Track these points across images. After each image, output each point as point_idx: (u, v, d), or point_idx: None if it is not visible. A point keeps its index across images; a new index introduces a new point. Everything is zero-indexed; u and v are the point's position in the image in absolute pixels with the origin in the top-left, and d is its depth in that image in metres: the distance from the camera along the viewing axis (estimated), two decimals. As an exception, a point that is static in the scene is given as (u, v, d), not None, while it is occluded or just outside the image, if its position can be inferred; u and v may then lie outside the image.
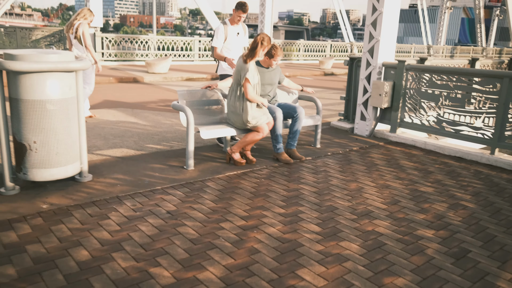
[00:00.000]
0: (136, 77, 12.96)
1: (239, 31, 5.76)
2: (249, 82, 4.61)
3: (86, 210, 3.48)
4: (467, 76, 5.74)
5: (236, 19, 5.64)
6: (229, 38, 5.69)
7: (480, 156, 5.50)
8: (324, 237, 3.22)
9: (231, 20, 5.70)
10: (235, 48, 5.75)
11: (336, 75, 18.07)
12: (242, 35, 5.81)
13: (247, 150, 5.03)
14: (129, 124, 6.86)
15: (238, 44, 5.78)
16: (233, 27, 5.71)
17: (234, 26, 5.72)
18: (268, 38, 4.73)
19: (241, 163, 4.85)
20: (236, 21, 5.67)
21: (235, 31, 5.72)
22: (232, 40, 5.70)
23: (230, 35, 5.69)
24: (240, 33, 5.78)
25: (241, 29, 5.78)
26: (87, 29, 6.67)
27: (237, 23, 5.69)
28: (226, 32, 5.65)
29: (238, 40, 5.77)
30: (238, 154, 4.92)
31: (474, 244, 3.23)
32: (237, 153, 4.92)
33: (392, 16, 6.34)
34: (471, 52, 32.97)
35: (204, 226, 3.30)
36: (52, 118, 3.64)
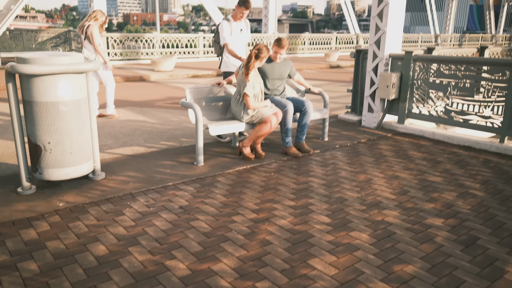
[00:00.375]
0: (142, 76, 13.05)
1: (242, 27, 5.79)
2: (248, 96, 4.79)
3: (101, 207, 3.57)
4: (475, 65, 5.73)
5: (238, 15, 5.66)
6: (233, 34, 5.70)
7: (489, 144, 5.51)
8: (334, 228, 3.28)
9: (234, 17, 5.72)
10: (239, 45, 5.77)
11: (342, 67, 18.01)
12: (245, 31, 5.83)
13: (258, 144, 5.09)
14: (138, 122, 6.95)
15: (242, 40, 5.81)
16: (236, 23, 5.72)
17: (237, 22, 5.73)
18: (264, 48, 4.82)
19: (250, 158, 4.92)
20: (239, 17, 5.68)
21: (238, 27, 5.73)
22: (235, 37, 5.72)
23: (234, 32, 5.70)
24: (243, 29, 5.80)
25: (243, 25, 5.81)
26: (96, 30, 6.75)
27: (239, 19, 5.71)
28: (231, 28, 5.67)
29: (242, 37, 5.79)
30: (248, 148, 4.98)
31: (483, 232, 3.27)
32: (248, 147, 4.98)
33: (399, 6, 6.32)
34: (480, 40, 32.52)
35: (216, 220, 3.37)
36: (65, 119, 3.74)
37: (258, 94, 4.95)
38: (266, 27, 22.01)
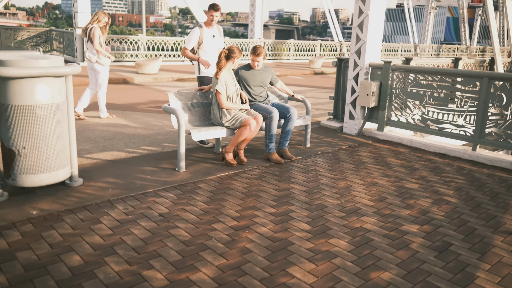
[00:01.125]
0: (126, 78, 12.94)
1: (215, 33, 5.92)
2: (220, 93, 4.88)
3: (78, 215, 3.51)
4: (449, 76, 5.91)
5: (209, 19, 5.78)
6: (205, 41, 5.83)
7: (462, 152, 5.67)
8: (314, 235, 3.32)
9: (207, 23, 5.85)
10: (212, 51, 5.89)
11: (326, 74, 18.21)
12: (217, 37, 5.96)
13: (241, 150, 5.11)
14: (119, 126, 6.90)
15: (215, 46, 5.93)
16: (208, 30, 5.85)
17: (210, 28, 5.87)
18: (235, 49, 4.97)
19: (233, 164, 4.94)
20: (210, 23, 5.80)
21: (210, 33, 5.86)
22: (208, 43, 5.84)
23: (206, 38, 5.83)
24: (216, 35, 5.93)
25: (216, 31, 5.94)
26: (97, 31, 7.00)
27: (211, 24, 5.83)
28: (202, 35, 5.80)
29: (214, 43, 5.91)
30: (231, 154, 5.01)
31: (456, 237, 3.36)
32: (230, 153, 5.01)
33: (378, 18, 6.47)
34: (456, 50, 33.41)
35: (197, 228, 3.37)
36: (42, 123, 3.66)
37: (232, 95, 5.04)
38: (252, 32, 22.13)
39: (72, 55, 16.41)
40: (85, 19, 14.89)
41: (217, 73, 4.96)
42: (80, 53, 15.34)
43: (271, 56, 21.71)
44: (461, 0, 34.43)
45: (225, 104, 4.94)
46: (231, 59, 4.98)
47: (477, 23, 38.67)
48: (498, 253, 3.14)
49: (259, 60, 5.32)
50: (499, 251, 3.18)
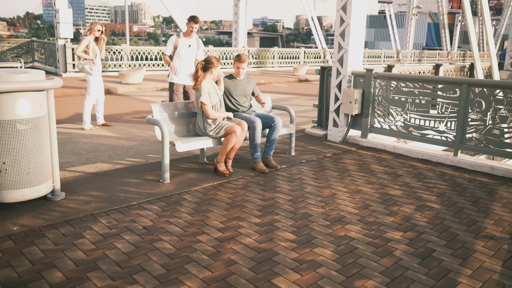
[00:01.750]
0: (109, 88, 12.84)
1: (191, 43, 6.38)
2: (206, 104, 4.93)
3: (60, 230, 3.46)
4: (430, 83, 6.02)
5: (189, 30, 6.27)
6: (180, 49, 6.28)
7: (444, 158, 5.76)
8: (299, 245, 3.33)
9: (185, 33, 6.42)
10: (186, 59, 6.35)
11: (310, 81, 18.34)
12: (194, 47, 6.40)
13: (230, 159, 5.12)
14: (103, 138, 6.84)
15: (190, 55, 6.38)
16: (185, 39, 6.33)
17: (187, 38, 6.33)
18: (213, 59, 5.02)
19: (225, 174, 4.95)
20: (189, 33, 6.28)
21: (187, 43, 6.32)
22: (183, 51, 6.29)
23: (181, 46, 6.29)
24: (192, 45, 6.38)
25: (194, 42, 6.40)
26: (85, 40, 7.17)
27: (190, 35, 6.31)
28: (177, 42, 6.30)
29: (190, 52, 6.35)
30: (222, 164, 5.03)
31: (438, 244, 3.40)
32: (222, 163, 5.03)
33: (359, 27, 6.57)
34: (437, 56, 34.07)
35: (181, 240, 3.35)
36: (23, 137, 3.63)
37: (216, 105, 5.09)
38: (236, 40, 22.23)
39: (55, 66, 16.25)
40: (67, 29, 14.78)
41: (195, 85, 5.02)
42: (62, 64, 15.22)
43: (255, 64, 21.80)
44: (441, 6, 35.17)
45: (212, 114, 4.96)
46: (209, 70, 5.04)
47: (457, 29, 39.62)
48: (479, 258, 3.19)
49: (244, 67, 5.35)
50: (480, 256, 3.23)
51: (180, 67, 6.39)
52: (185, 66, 6.35)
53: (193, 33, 6.28)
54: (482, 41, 37.73)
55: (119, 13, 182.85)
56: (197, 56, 6.48)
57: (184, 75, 6.42)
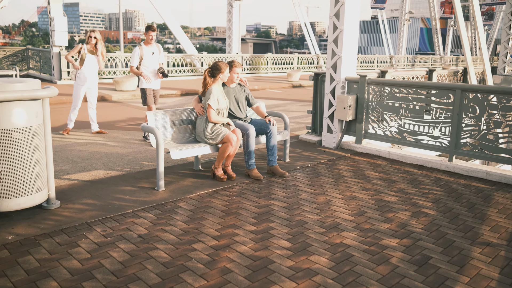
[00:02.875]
0: (103, 96, 12.81)
1: (154, 50, 6.92)
2: (212, 108, 4.98)
3: (55, 239, 3.44)
4: (423, 89, 6.06)
5: (149, 39, 6.82)
6: (145, 57, 6.83)
7: (439, 163, 5.78)
8: (295, 252, 3.32)
9: (146, 42, 6.90)
10: (151, 66, 6.91)
11: (304, 87, 18.40)
12: (157, 54, 6.93)
13: (228, 166, 5.14)
14: (97, 145, 6.81)
15: (154, 62, 6.92)
16: (147, 48, 6.89)
17: (149, 46, 6.90)
18: (220, 64, 5.08)
19: (223, 179, 4.99)
20: (149, 41, 6.84)
21: (150, 51, 6.87)
22: (147, 59, 6.84)
23: (146, 55, 6.84)
24: (155, 52, 6.91)
25: (155, 48, 6.96)
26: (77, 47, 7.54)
27: (150, 43, 6.87)
28: (141, 52, 6.79)
29: (154, 59, 6.91)
30: (220, 169, 5.06)
31: (435, 251, 3.40)
32: (219, 168, 5.06)
33: (352, 33, 6.60)
34: (430, 60, 34.35)
35: (176, 249, 3.34)
36: (18, 146, 3.63)
37: (222, 110, 5.14)
38: (230, 47, 22.28)
39: (49, 74, 16.24)
40: (62, 37, 14.81)
41: (203, 91, 5.13)
42: (57, 72, 15.23)
43: (249, 70, 21.85)
44: (433, 11, 35.51)
45: (214, 117, 5.00)
46: (217, 76, 5.10)
47: (450, 34, 39.99)
48: (476, 265, 3.19)
49: (238, 71, 5.36)
50: (477, 263, 3.23)
51: (148, 74, 6.90)
52: (151, 72, 6.92)
53: (153, 41, 6.83)
54: (474, 45, 38.10)
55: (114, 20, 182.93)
56: (159, 60, 7.01)
57: (153, 81, 6.99)
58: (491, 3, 30.38)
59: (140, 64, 6.87)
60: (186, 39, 19.77)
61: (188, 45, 19.62)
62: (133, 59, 6.86)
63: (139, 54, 6.81)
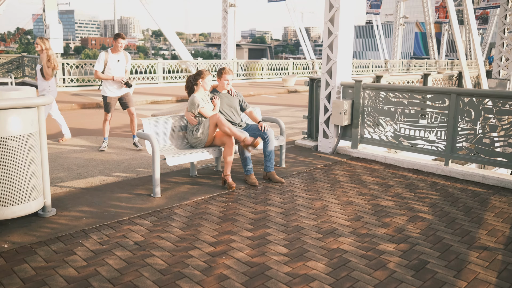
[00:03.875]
0: (99, 102, 12.77)
1: (120, 58, 6.77)
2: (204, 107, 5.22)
3: (51, 247, 3.42)
4: (418, 93, 6.08)
5: (118, 47, 6.68)
6: (110, 64, 6.67)
7: (435, 167, 5.79)
8: (291, 258, 3.31)
9: (113, 49, 6.74)
10: (116, 73, 6.73)
11: (300, 92, 18.45)
12: (123, 61, 6.80)
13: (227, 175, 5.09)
14: (93, 152, 6.79)
15: (119, 69, 6.77)
16: (114, 55, 6.72)
17: (116, 54, 6.73)
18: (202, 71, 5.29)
19: (233, 187, 4.95)
20: (118, 49, 6.70)
21: (115, 58, 6.72)
22: (112, 66, 6.70)
23: (111, 62, 6.69)
24: (121, 60, 6.78)
25: (122, 56, 6.80)
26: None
27: (119, 51, 6.73)
28: (106, 58, 6.67)
29: (119, 66, 6.77)
30: (230, 177, 5.03)
31: (432, 255, 3.40)
32: (229, 176, 5.04)
33: (347, 38, 6.64)
34: (425, 65, 34.55)
35: (173, 256, 3.32)
36: (14, 154, 3.62)
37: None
38: (225, 53, 22.33)
39: (44, 80, 16.18)
40: (57, 44, 14.83)
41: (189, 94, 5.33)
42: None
43: (244, 75, 21.90)
44: (428, 16, 35.76)
45: (210, 113, 5.20)
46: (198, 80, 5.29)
47: (444, 38, 40.25)
48: (474, 270, 3.19)
49: (228, 78, 5.44)
50: (475, 267, 3.23)
51: (112, 81, 6.75)
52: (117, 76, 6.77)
53: (121, 48, 6.71)
54: (469, 49, 38.34)
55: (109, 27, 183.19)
56: (126, 67, 6.89)
57: (116, 88, 6.83)
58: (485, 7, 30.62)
59: (105, 70, 6.71)
60: (181, 46, 19.80)
61: (183, 52, 19.65)
62: (98, 63, 6.69)
63: (104, 59, 6.66)
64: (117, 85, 6.80)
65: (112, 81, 6.74)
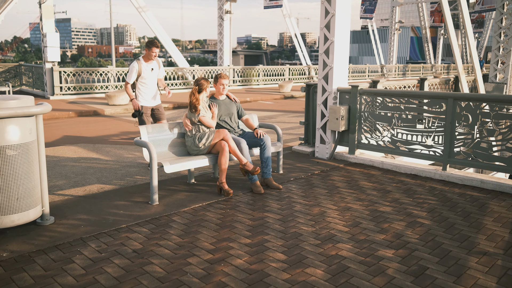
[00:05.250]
0: (96, 110, 12.79)
1: (154, 66, 6.27)
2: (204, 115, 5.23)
3: (49, 255, 3.41)
4: (415, 98, 6.10)
5: (151, 56, 6.16)
6: (144, 73, 6.19)
7: (433, 172, 5.80)
8: (290, 265, 3.31)
9: (145, 58, 6.22)
10: (150, 83, 6.28)
11: (296, 97, 18.49)
12: (156, 69, 6.31)
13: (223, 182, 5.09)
14: (91, 160, 6.77)
15: (153, 78, 6.31)
16: (147, 64, 6.21)
17: (148, 62, 6.22)
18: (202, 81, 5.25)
19: (230, 193, 4.96)
20: (152, 58, 6.19)
21: (149, 67, 6.23)
22: (147, 75, 6.22)
23: (145, 71, 6.20)
24: (155, 68, 6.29)
25: (155, 64, 6.30)
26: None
27: (153, 59, 6.23)
28: (140, 68, 6.18)
29: (153, 75, 6.30)
30: (225, 184, 5.03)
31: (431, 261, 3.40)
32: (225, 183, 5.03)
33: (343, 44, 6.68)
34: (421, 69, 34.70)
35: (171, 263, 3.31)
36: (13, 163, 3.62)
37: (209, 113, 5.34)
38: (221, 59, 22.38)
39: (42, 89, 16.28)
40: (54, 53, 14.91)
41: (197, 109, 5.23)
42: (50, 87, 15.33)
43: (240, 82, 21.94)
44: (423, 20, 35.99)
45: (210, 122, 5.24)
46: (203, 91, 5.28)
47: (440, 42, 40.45)
48: (473, 275, 3.19)
49: (224, 83, 5.49)
50: (474, 273, 3.23)
51: (146, 90, 6.26)
52: (150, 89, 6.27)
53: (155, 57, 6.21)
54: (465, 53, 38.52)
55: (105, 35, 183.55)
56: (159, 75, 6.41)
57: (150, 98, 6.34)
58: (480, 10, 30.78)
59: (137, 80, 6.23)
60: (178, 53, 19.85)
61: (179, 58, 19.69)
62: (130, 75, 6.14)
63: (137, 70, 6.12)
64: (153, 93, 6.31)
65: (147, 89, 6.22)
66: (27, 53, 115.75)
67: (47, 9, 14.82)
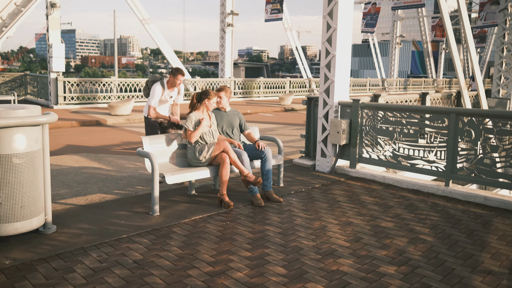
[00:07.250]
0: (99, 120, 12.85)
1: (173, 94, 6.08)
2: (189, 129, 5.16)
3: (51, 264, 3.41)
4: (417, 113, 6.11)
5: (176, 83, 5.93)
6: (163, 98, 5.97)
7: (436, 188, 5.77)
8: (290, 280, 3.29)
9: (169, 84, 5.96)
10: (164, 106, 6.09)
11: (297, 110, 18.54)
12: (175, 96, 6.15)
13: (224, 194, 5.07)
14: (93, 169, 6.79)
15: (169, 103, 6.16)
16: (169, 91, 6.00)
17: (171, 91, 6.01)
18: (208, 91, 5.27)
19: (231, 206, 4.96)
20: (176, 85, 5.97)
21: (169, 94, 6.03)
22: (164, 100, 6.01)
23: (164, 97, 5.98)
24: (174, 96, 6.11)
25: (175, 92, 6.10)
26: None
27: (176, 86, 6.01)
28: (162, 94, 5.92)
29: (170, 101, 6.14)
30: (226, 196, 5.02)
31: (434, 279, 3.36)
32: (225, 195, 5.02)
33: (344, 58, 6.72)
34: (423, 83, 34.82)
35: (172, 275, 3.30)
36: (18, 171, 3.66)
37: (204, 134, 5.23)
38: (223, 71, 22.52)
39: (46, 98, 16.46)
40: (59, 63, 15.15)
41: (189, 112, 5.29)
42: (54, 97, 15.49)
43: (241, 94, 22.04)
44: (425, 35, 36.21)
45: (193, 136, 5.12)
46: (203, 101, 5.27)
47: (442, 56, 40.56)
48: (476, 293, 3.15)
49: (222, 96, 5.55)
50: (478, 291, 3.18)
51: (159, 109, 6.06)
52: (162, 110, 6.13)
53: (179, 85, 6.04)
54: (467, 68, 38.65)
55: (108, 46, 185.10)
56: (177, 100, 6.31)
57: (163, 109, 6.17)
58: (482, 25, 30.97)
59: None
60: (179, 64, 19.99)
61: (181, 70, 19.81)
62: (154, 100, 5.88)
63: (160, 96, 5.90)
64: (163, 113, 6.08)
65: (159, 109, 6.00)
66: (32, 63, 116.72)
67: (54, 20, 15.01)
